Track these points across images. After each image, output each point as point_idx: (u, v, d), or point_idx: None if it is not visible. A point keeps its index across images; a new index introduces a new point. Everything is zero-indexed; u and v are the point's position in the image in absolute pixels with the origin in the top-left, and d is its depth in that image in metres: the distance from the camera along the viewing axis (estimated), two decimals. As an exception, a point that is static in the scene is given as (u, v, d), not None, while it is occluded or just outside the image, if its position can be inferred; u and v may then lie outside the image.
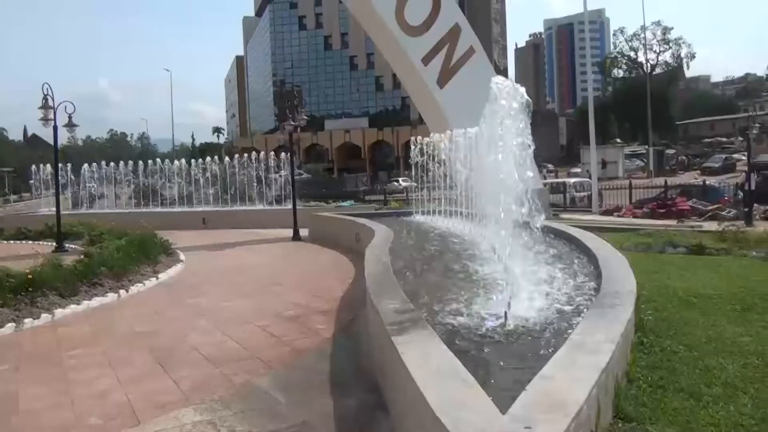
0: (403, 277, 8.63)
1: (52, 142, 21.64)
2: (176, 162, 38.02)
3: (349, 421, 5.54)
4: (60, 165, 24.80)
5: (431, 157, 19.24)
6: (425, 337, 4.97)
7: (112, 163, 38.40)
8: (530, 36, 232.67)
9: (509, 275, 7.52)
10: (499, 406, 3.59)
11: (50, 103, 19.88)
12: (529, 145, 8.14)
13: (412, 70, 24.93)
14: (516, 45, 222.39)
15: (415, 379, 4.01)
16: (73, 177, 39.07)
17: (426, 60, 24.33)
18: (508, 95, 8.23)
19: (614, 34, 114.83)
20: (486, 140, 9.98)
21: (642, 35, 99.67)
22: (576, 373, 4.09)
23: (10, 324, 9.71)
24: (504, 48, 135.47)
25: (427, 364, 4.32)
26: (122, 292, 12.11)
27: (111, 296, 11.78)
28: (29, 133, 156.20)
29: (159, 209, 34.52)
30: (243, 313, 10.27)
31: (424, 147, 19.79)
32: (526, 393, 3.80)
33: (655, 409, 4.73)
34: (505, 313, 6.31)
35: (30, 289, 10.63)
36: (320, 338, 8.46)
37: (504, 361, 5.12)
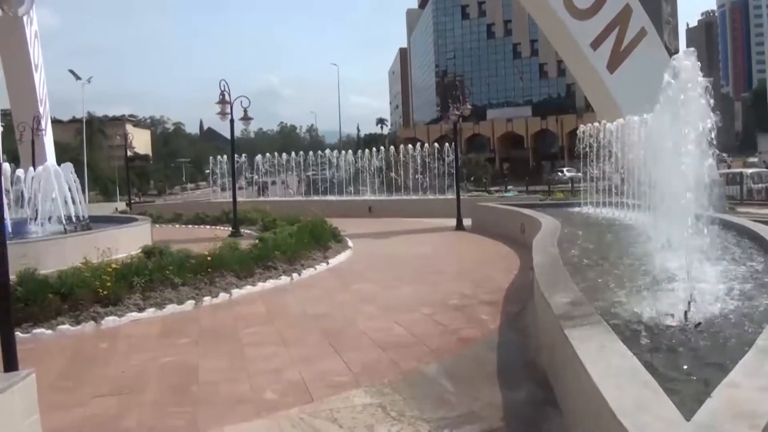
0: (571, 269, 8.35)
1: (225, 135, 23.19)
2: (343, 153, 39.23)
3: (518, 415, 5.44)
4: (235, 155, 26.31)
5: (599, 146, 18.53)
6: (601, 333, 4.78)
7: (284, 154, 40.25)
8: (702, 14, 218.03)
9: (688, 271, 7.08)
10: (681, 411, 3.38)
11: (227, 98, 21.21)
12: (710, 138, 7.59)
13: (581, 56, 24.05)
14: (687, 25, 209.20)
15: (593, 377, 3.86)
16: (247, 167, 41.37)
17: (595, 44, 23.37)
18: (688, 75, 7.71)
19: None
20: (661, 126, 9.45)
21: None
22: (765, 381, 3.76)
23: (189, 301, 10.45)
24: (675, 28, 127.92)
25: (605, 361, 4.15)
26: (295, 275, 12.67)
27: (284, 279, 12.36)
28: (205, 127, 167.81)
29: (328, 197, 35.81)
30: (408, 300, 10.42)
31: (592, 135, 19.10)
32: (711, 400, 3.54)
33: None
34: (685, 312, 5.95)
35: (209, 269, 11.39)
36: (486, 329, 8.39)
37: (684, 363, 4.81)
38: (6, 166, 21.30)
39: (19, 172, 21.34)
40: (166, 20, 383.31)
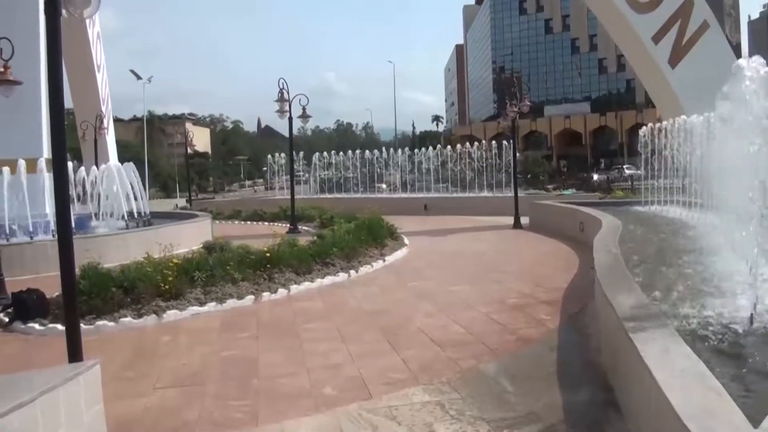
0: (632, 269, 8.20)
1: (283, 133, 23.78)
2: (399, 151, 39.33)
3: (579, 417, 5.34)
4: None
5: (661, 144, 18.12)
6: (665, 336, 4.67)
7: (341, 153, 40.57)
8: (764, 6, 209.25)
9: (754, 274, 6.86)
10: (747, 417, 3.28)
11: (285, 96, 21.50)
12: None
13: (642, 50, 23.57)
14: (749, 17, 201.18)
15: (657, 380, 3.78)
16: (304, 164, 41.80)
17: (657, 38, 22.86)
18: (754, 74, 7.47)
19: None
20: (725, 124, 9.18)
21: None
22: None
23: (249, 296, 10.64)
24: (736, 21, 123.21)
25: (670, 365, 4.06)
26: (352, 272, 12.76)
27: (342, 276, 12.46)
28: (262, 125, 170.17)
29: (383, 195, 35.96)
30: (466, 299, 10.36)
31: (654, 133, 18.69)
32: (779, 407, 3.46)
33: None
34: (751, 315, 5.79)
35: (268, 266, 11.56)
36: (546, 329, 8.28)
37: (750, 367, 4.70)
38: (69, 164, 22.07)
39: (81, 170, 22.05)
40: (224, 20, 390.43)
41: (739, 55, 22.45)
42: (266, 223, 26.20)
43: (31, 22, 18.53)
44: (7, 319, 9.63)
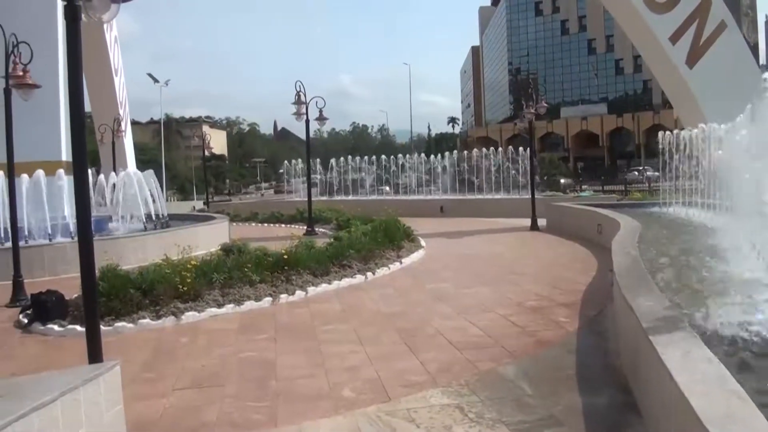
0: (651, 271, 8.13)
1: (299, 135, 24.00)
2: (416, 155, 39.42)
3: (599, 420, 5.31)
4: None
5: (678, 147, 17.98)
6: (686, 339, 4.62)
7: (357, 157, 40.71)
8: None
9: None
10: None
11: (302, 98, 21.58)
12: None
13: (659, 51, 23.40)
14: (766, 17, 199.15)
15: (678, 384, 3.74)
16: (320, 167, 41.97)
17: (674, 38, 22.69)
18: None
19: None
20: (747, 132, 9.15)
21: None
22: None
23: (267, 298, 10.68)
24: (753, 21, 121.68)
25: (691, 368, 4.01)
26: (369, 274, 12.77)
27: (359, 278, 12.48)
28: (278, 127, 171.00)
29: (399, 197, 35.98)
30: (483, 301, 10.33)
31: (672, 139, 18.55)
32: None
33: None
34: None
35: (286, 267, 11.58)
36: (564, 331, 8.23)
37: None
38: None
39: (101, 178, 22.25)
40: (238, 23, 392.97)
41: (756, 56, 22.31)
42: (283, 225, 26.32)
43: (49, 24, 18.71)
44: (26, 321, 9.70)
